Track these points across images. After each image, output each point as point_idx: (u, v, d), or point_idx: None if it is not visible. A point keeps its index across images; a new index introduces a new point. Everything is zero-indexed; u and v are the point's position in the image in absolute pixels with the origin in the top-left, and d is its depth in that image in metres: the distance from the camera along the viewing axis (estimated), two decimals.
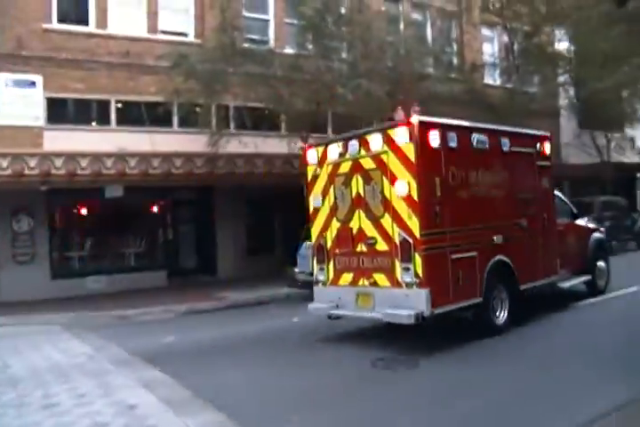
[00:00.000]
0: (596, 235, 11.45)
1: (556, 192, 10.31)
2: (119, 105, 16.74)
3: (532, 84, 22.29)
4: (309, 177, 8.89)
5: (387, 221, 7.65)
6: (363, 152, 8.00)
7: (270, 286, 15.11)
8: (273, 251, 19.57)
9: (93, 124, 16.52)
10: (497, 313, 8.20)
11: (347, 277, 8.27)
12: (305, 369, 7.02)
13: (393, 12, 20.36)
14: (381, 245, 7.74)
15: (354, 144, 8.13)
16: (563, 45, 22.38)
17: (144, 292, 15.74)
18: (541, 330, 8.28)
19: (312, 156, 8.78)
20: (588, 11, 19.41)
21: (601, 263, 11.16)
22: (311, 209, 8.85)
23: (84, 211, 17.30)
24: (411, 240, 7.30)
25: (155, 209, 18.53)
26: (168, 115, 16.63)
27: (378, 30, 16.42)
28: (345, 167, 8.27)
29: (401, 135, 7.46)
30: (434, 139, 7.55)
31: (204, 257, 19.14)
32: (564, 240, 10.00)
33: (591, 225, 11.87)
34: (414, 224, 7.28)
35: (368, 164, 7.92)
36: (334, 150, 8.42)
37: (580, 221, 11.44)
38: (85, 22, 16.47)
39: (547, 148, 9.77)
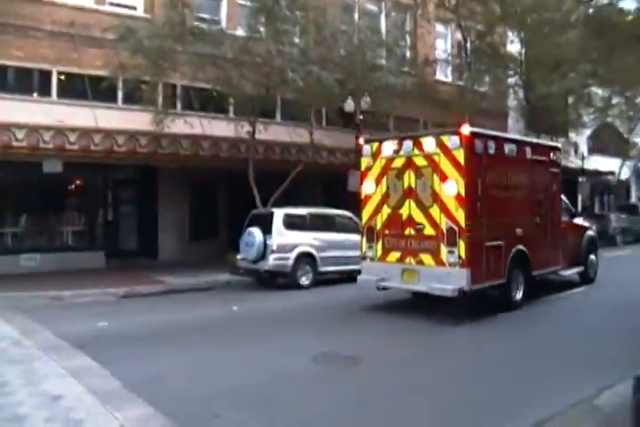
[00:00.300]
0: (589, 232, 13.37)
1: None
2: (61, 77, 16.03)
3: (483, 82, 22.61)
4: (363, 168, 10.36)
5: (435, 210, 9.18)
6: (416, 151, 9.50)
7: (212, 271, 14.92)
8: (216, 236, 19.32)
9: (34, 95, 15.77)
10: (515, 292, 10.00)
11: (394, 255, 9.77)
12: (246, 360, 6.92)
13: (348, 1, 20.26)
14: (429, 231, 9.26)
15: (408, 143, 9.63)
16: (515, 47, 22.77)
17: (81, 272, 15.26)
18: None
19: (367, 150, 10.28)
20: (543, 13, 19.75)
21: (592, 257, 13.14)
22: (362, 195, 10.36)
23: (20, 185, 16.53)
24: (456, 228, 8.87)
25: (95, 187, 17.93)
26: (112, 90, 16.06)
27: (332, 17, 16.26)
28: (398, 162, 9.78)
29: (453, 141, 8.98)
30: (479, 146, 9.19)
31: (145, 239, 18.70)
32: (565, 236, 11.87)
33: (586, 224, 13.72)
34: (460, 215, 8.85)
35: (420, 161, 9.45)
36: (389, 147, 9.95)
37: (578, 220, 13.24)
38: None
39: (558, 157, 11.63)
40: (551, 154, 11.46)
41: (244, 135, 16.13)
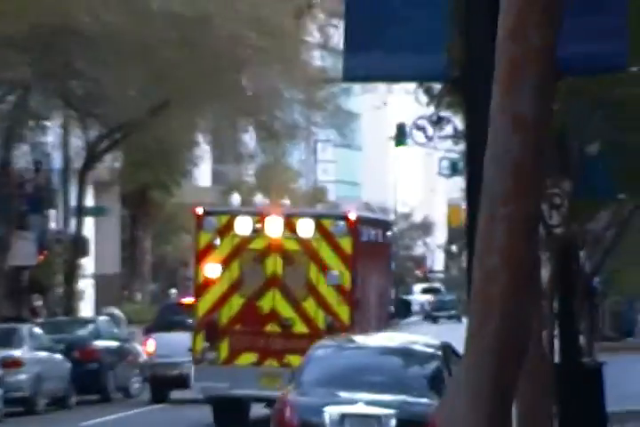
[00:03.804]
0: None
1: None
2: None
3: None
4: (202, 244, 8.98)
5: (310, 304, 8.38)
6: (287, 233, 8.67)
7: None
8: None
9: None
10: None
11: (247, 357, 8.53)
12: None
13: None
14: (300, 327, 8.41)
15: (275, 222, 8.68)
16: None
17: None
18: None
19: (210, 223, 8.86)
20: None
21: None
22: (200, 280, 8.81)
23: None
24: (338, 325, 8.36)
25: None
26: None
27: None
28: (259, 243, 8.83)
29: (338, 227, 8.47)
30: (365, 234, 8.93)
31: None
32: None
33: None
34: (343, 311, 8.45)
35: (291, 245, 8.63)
36: (246, 224, 8.79)
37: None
38: None
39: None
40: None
41: None
